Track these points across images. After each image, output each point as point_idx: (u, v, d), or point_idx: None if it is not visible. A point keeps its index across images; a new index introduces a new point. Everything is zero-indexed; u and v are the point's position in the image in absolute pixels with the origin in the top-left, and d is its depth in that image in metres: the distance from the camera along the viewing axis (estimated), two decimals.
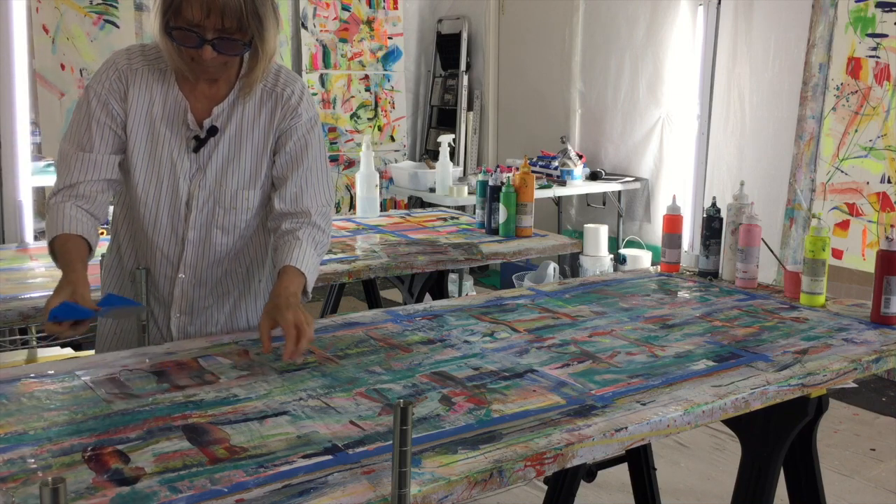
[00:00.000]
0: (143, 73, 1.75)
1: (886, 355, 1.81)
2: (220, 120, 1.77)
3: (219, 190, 1.78)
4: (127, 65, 1.75)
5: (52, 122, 4.97)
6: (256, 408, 1.42)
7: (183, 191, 1.77)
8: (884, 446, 3.49)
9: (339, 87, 6.16)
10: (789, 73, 4.53)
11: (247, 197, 1.80)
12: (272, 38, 1.68)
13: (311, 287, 1.77)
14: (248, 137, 1.78)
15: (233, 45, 1.64)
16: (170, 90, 1.75)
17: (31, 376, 1.54)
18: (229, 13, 1.59)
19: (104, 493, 1.12)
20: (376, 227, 3.16)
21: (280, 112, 1.79)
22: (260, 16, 1.63)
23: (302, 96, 1.81)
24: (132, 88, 1.74)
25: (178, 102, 1.75)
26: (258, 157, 1.80)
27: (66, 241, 1.68)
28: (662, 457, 3.26)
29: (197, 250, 1.80)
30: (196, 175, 1.77)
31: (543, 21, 5.99)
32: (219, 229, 1.80)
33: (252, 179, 1.80)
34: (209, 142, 1.76)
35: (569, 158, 5.29)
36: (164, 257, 1.80)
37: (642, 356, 1.74)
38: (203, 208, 1.78)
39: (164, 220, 1.78)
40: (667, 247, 2.50)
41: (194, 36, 1.61)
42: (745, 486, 1.82)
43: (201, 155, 1.77)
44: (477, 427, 1.37)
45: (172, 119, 1.76)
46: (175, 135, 1.76)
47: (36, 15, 4.89)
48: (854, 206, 4.26)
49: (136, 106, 1.75)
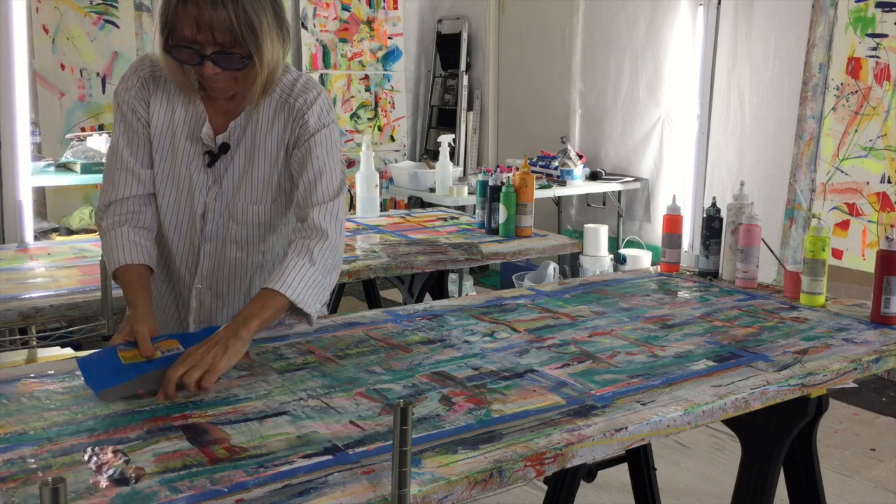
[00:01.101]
0: (166, 82, 1.73)
1: (886, 355, 1.81)
2: (234, 134, 1.74)
3: (233, 203, 1.77)
4: (150, 72, 1.74)
5: (52, 122, 4.97)
6: (256, 408, 1.42)
7: (199, 203, 1.76)
8: (884, 446, 3.49)
9: (339, 87, 6.16)
10: (789, 73, 4.53)
11: (258, 212, 1.77)
12: (270, 49, 1.61)
13: (310, 304, 1.63)
14: (260, 150, 1.75)
15: (232, 58, 1.60)
16: (192, 101, 1.74)
17: (31, 376, 1.54)
18: (218, 26, 1.55)
19: (104, 493, 1.12)
20: (376, 227, 3.16)
21: (292, 122, 1.75)
22: (254, 27, 1.57)
23: (313, 103, 1.74)
24: (154, 97, 1.74)
25: (199, 114, 1.75)
26: (270, 169, 1.76)
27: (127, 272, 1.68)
28: (662, 457, 3.26)
29: (212, 262, 1.80)
30: (212, 187, 1.77)
31: (543, 21, 5.99)
32: (233, 243, 1.79)
33: (263, 193, 1.77)
34: (225, 155, 1.75)
35: (569, 158, 5.29)
36: (184, 265, 1.81)
37: (642, 356, 1.74)
38: (218, 221, 1.78)
39: (182, 230, 1.78)
40: (667, 247, 2.50)
41: (193, 53, 1.59)
42: (745, 486, 1.82)
43: (218, 168, 1.76)
44: (477, 427, 1.37)
45: (192, 131, 1.75)
46: (193, 148, 1.75)
47: (36, 15, 4.89)
48: (854, 206, 4.26)
49: (159, 115, 1.74)
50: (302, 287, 1.62)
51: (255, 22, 1.57)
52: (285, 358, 1.67)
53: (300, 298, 1.62)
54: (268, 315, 1.59)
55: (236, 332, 1.53)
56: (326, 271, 1.67)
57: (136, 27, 5.22)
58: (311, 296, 1.64)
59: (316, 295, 1.65)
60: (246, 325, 1.55)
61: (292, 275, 1.62)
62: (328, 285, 1.68)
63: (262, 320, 1.58)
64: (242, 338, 1.53)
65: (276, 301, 1.60)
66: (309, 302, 1.63)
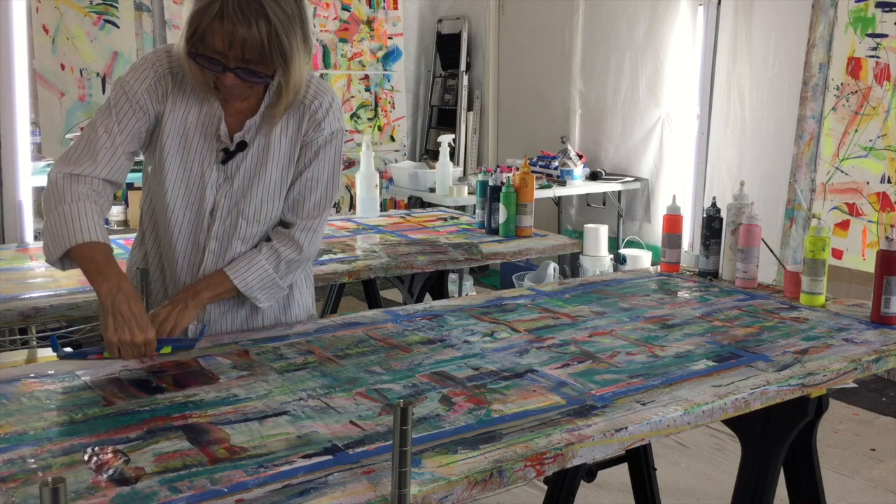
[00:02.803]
0: (183, 79, 1.73)
1: (886, 355, 1.81)
2: (250, 133, 1.76)
3: (243, 201, 1.78)
4: (168, 68, 1.74)
5: (52, 122, 4.97)
6: (256, 408, 1.42)
7: (209, 200, 1.77)
8: (884, 446, 3.49)
9: (339, 87, 6.16)
10: (789, 73, 4.53)
11: (271, 209, 1.80)
12: (298, 70, 1.65)
13: (261, 299, 1.80)
14: (275, 150, 1.78)
15: (254, 75, 1.63)
16: (206, 99, 1.75)
17: (31, 376, 1.54)
18: (250, 47, 1.58)
19: (104, 493, 1.12)
20: (376, 227, 3.16)
21: (307, 124, 1.78)
22: (284, 51, 1.60)
23: (329, 109, 1.79)
24: (171, 93, 1.73)
25: (214, 112, 1.75)
26: (284, 169, 1.79)
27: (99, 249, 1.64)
28: (662, 457, 3.26)
29: (216, 260, 1.80)
30: (223, 185, 1.77)
31: (543, 21, 5.99)
32: (239, 240, 1.80)
33: (277, 192, 1.80)
34: (237, 154, 1.76)
35: (569, 158, 5.29)
36: (186, 262, 1.81)
37: (642, 356, 1.74)
38: (226, 219, 1.78)
39: (186, 228, 1.78)
40: (667, 247, 2.50)
41: (216, 63, 1.61)
42: (745, 486, 1.82)
43: (229, 166, 1.77)
44: (477, 427, 1.37)
45: (206, 129, 1.75)
46: (207, 145, 1.76)
47: (36, 15, 4.89)
48: (854, 206, 4.26)
49: (174, 111, 1.74)
50: (258, 287, 1.79)
51: (285, 46, 1.60)
52: (285, 358, 1.67)
53: (253, 295, 1.79)
54: (220, 292, 1.77)
55: (195, 295, 1.74)
56: (285, 278, 1.83)
57: (136, 27, 5.22)
58: (265, 295, 1.81)
59: (269, 295, 1.83)
60: (200, 294, 1.74)
61: (254, 274, 1.78)
62: (284, 287, 1.84)
63: (214, 295, 1.77)
64: (200, 301, 1.74)
65: (231, 286, 1.77)
66: (260, 298, 1.81)
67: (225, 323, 1.85)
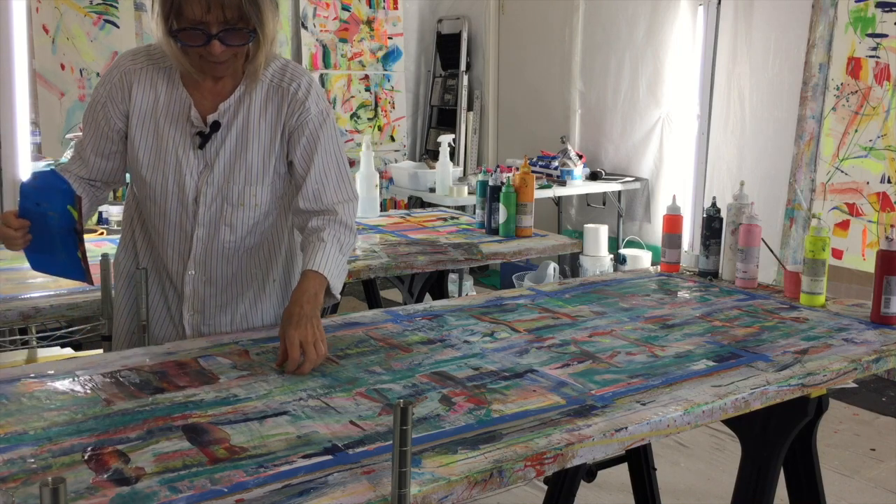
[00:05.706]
0: (147, 72, 1.77)
1: (886, 355, 1.81)
2: (226, 116, 1.77)
3: (227, 186, 1.78)
4: (131, 66, 1.78)
5: (52, 122, 4.97)
6: (256, 408, 1.42)
7: (190, 187, 1.77)
8: (884, 446, 3.49)
9: (339, 87, 6.16)
10: (789, 73, 4.53)
11: (254, 193, 1.80)
12: (270, 21, 1.69)
13: (339, 288, 1.76)
14: (255, 133, 1.78)
15: (238, 34, 1.65)
16: (174, 88, 1.77)
17: (31, 376, 1.54)
18: (229, 4, 1.60)
19: (104, 493, 1.12)
20: (376, 227, 3.16)
21: (287, 108, 1.78)
22: (257, 1, 1.64)
23: (309, 90, 1.80)
24: (136, 86, 1.77)
25: (183, 100, 1.77)
26: (265, 153, 1.79)
27: None
28: (662, 457, 3.26)
29: (205, 247, 1.81)
30: (204, 172, 1.78)
31: (543, 21, 5.99)
32: (227, 226, 1.80)
33: (260, 176, 1.80)
34: (215, 138, 1.77)
35: (569, 158, 5.29)
36: (175, 253, 1.82)
37: (642, 356, 1.74)
38: (211, 205, 1.79)
39: (172, 217, 1.79)
40: (667, 247, 2.50)
41: (200, 34, 1.62)
42: (745, 486, 1.82)
43: (208, 151, 1.77)
44: (477, 427, 1.37)
45: (177, 116, 1.77)
46: (179, 132, 1.77)
47: (36, 15, 4.89)
48: (854, 206, 4.26)
49: (140, 103, 1.77)
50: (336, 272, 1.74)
51: None
52: None
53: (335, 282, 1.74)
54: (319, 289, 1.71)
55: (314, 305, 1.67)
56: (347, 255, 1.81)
57: (136, 27, 5.22)
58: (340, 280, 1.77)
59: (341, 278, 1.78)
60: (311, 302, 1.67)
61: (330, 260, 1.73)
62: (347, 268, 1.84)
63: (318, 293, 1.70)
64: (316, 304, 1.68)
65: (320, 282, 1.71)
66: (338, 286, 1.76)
67: (224, 319, 1.85)
